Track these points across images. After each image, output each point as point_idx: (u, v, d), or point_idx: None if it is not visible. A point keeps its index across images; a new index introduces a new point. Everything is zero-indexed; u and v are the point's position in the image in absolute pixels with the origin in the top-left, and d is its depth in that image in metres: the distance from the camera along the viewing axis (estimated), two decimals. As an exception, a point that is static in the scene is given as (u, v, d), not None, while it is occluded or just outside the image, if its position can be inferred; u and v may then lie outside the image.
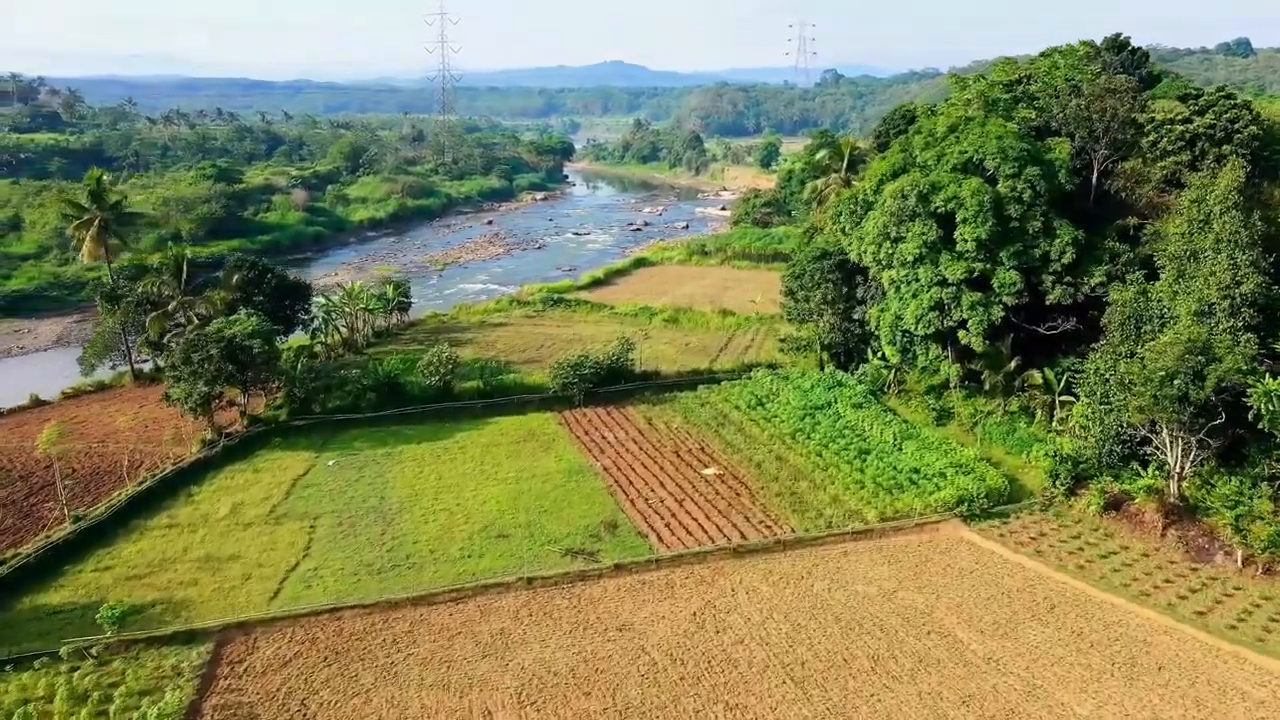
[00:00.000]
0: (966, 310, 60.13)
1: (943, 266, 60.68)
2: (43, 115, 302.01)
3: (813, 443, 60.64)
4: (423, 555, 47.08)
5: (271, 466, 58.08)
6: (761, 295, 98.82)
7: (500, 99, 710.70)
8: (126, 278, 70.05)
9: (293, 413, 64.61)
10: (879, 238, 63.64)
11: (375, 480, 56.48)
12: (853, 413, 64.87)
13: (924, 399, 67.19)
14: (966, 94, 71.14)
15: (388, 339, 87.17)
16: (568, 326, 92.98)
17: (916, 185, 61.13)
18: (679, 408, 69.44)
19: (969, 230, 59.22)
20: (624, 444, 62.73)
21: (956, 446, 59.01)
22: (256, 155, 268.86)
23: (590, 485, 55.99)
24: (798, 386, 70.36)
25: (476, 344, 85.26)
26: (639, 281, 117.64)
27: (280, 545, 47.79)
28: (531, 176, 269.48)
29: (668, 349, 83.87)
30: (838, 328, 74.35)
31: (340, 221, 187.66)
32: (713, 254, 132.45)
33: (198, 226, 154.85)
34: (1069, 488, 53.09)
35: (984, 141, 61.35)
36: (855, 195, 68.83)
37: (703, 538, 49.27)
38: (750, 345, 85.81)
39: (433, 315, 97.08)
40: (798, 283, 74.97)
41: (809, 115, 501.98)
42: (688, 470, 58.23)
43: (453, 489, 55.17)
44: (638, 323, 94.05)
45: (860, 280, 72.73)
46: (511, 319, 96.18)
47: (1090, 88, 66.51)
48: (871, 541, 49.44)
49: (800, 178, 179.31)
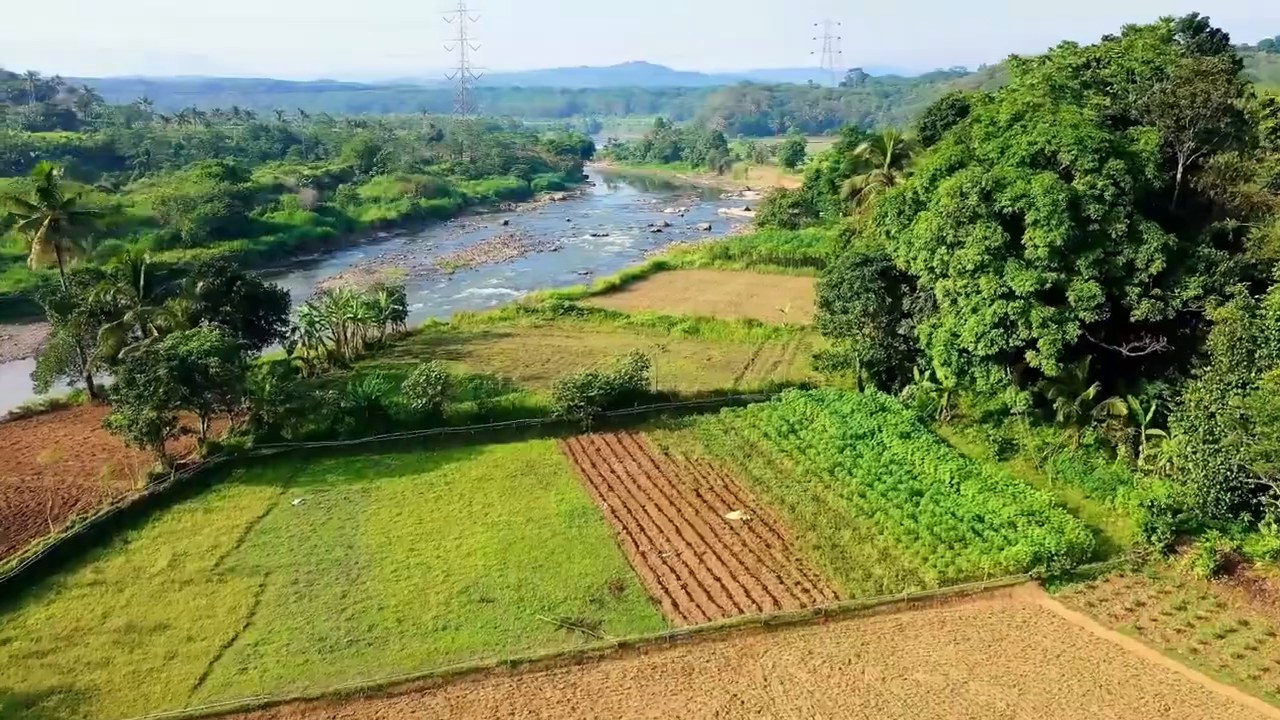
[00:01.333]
0: (1037, 328, 51.31)
1: (1009, 276, 51.93)
2: (57, 114, 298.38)
3: (855, 480, 52.08)
4: (389, 625, 39.00)
5: (227, 505, 50.25)
6: (791, 303, 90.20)
7: (523, 99, 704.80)
8: (82, 284, 62.55)
9: (259, 439, 56.86)
10: (932, 242, 54.99)
11: (345, 523, 48.52)
12: (900, 444, 56.24)
13: (982, 428, 58.43)
14: (1029, 78, 62.30)
15: (380, 351, 79.33)
16: (578, 338, 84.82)
17: (978, 182, 52.42)
18: (700, 434, 61.10)
19: (1040, 234, 50.45)
20: (635, 479, 54.46)
21: (1025, 488, 50.21)
22: (271, 154, 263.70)
23: (595, 532, 47.75)
24: (835, 411, 61.80)
25: (476, 357, 77.28)
26: (657, 287, 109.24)
27: (219, 610, 39.88)
28: (550, 176, 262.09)
29: (687, 364, 75.51)
30: (880, 343, 65.71)
31: (350, 222, 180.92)
32: (737, 258, 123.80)
33: (199, 227, 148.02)
34: (1168, 544, 44.20)
35: (1057, 131, 52.54)
36: (903, 193, 60.17)
37: (727, 604, 40.88)
38: (779, 360, 77.25)
39: (432, 324, 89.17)
40: (834, 292, 66.37)
41: (834, 115, 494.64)
42: (709, 514, 49.85)
43: (433, 536, 47.09)
44: (655, 333, 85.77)
45: (906, 290, 64.09)
46: (518, 329, 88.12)
47: (1177, 70, 57.60)
48: (932, 611, 40.83)
49: (829, 177, 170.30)
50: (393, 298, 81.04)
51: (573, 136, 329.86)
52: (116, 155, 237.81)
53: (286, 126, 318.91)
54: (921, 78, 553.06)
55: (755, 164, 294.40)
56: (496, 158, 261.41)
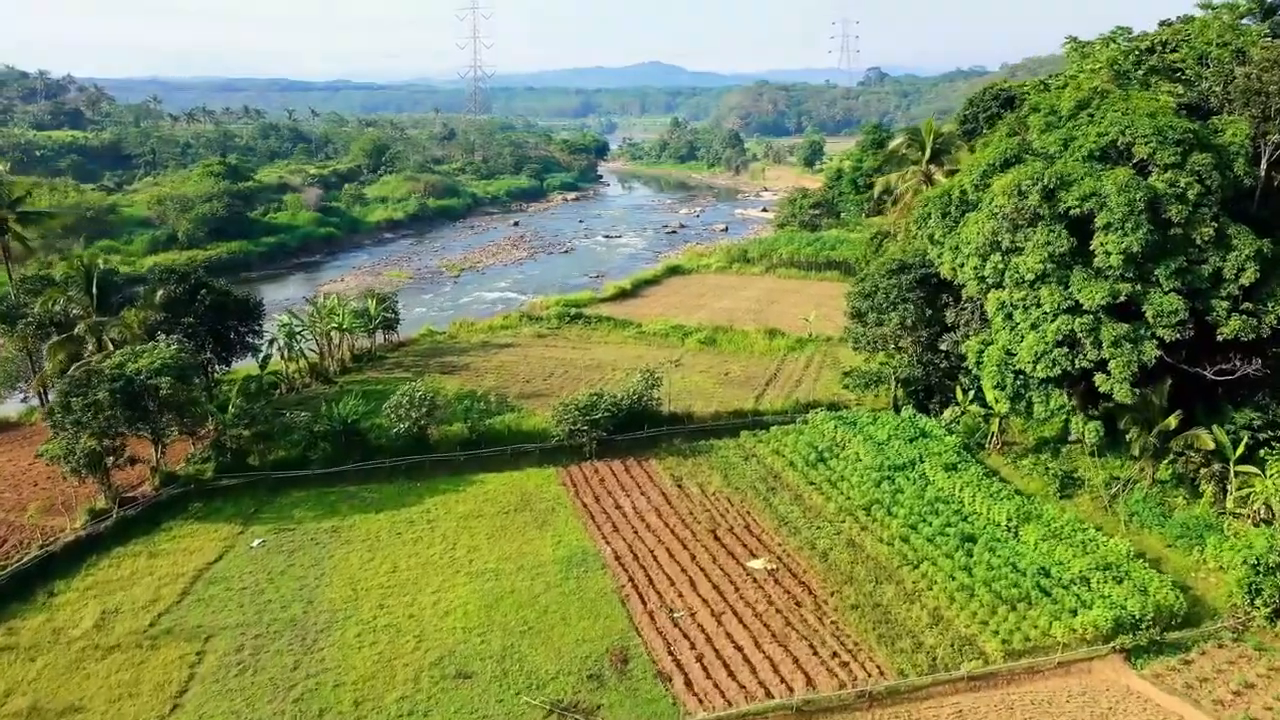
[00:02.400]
0: (1108, 347, 44.30)
1: (1075, 287, 44.93)
2: (65, 112, 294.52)
3: (896, 521, 45.23)
4: (343, 709, 32.46)
5: (176, 548, 43.90)
6: (815, 312, 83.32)
7: (537, 99, 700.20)
8: (31, 291, 56.32)
9: (221, 468, 50.49)
10: (984, 248, 48.02)
11: (308, 571, 42.09)
12: (945, 477, 49.34)
13: (1038, 459, 51.44)
14: (1091, 63, 55.21)
15: (369, 364, 72.90)
16: (585, 349, 78.20)
17: (1039, 178, 45.43)
18: (717, 462, 54.37)
19: (1114, 239, 43.45)
20: (644, 517, 47.80)
21: (1095, 533, 43.24)
22: (281, 153, 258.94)
23: (596, 585, 41.11)
24: (869, 436, 54.96)
25: (473, 371, 70.78)
26: (671, 293, 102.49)
27: (145, 687, 33.46)
28: (563, 176, 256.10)
29: (703, 380, 68.78)
30: (918, 360, 58.83)
31: (355, 222, 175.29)
32: (756, 261, 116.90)
33: (196, 227, 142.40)
34: (1276, 608, 37.19)
35: (1131, 120, 45.49)
36: (949, 192, 53.23)
37: (750, 682, 34.14)
38: (803, 376, 70.38)
39: (428, 333, 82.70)
40: (868, 302, 59.51)
41: (852, 114, 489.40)
42: (729, 561, 43.13)
43: (408, 588, 40.60)
44: (668, 345, 79.05)
45: (949, 300, 57.23)
46: (520, 339, 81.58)
47: (1263, 52, 50.45)
48: (997, 692, 33.99)
49: (852, 176, 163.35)
50: (383, 305, 74.70)
51: (587, 136, 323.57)
52: (123, 154, 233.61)
53: (297, 125, 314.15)
54: (940, 77, 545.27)
55: (772, 164, 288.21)
56: (509, 157, 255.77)
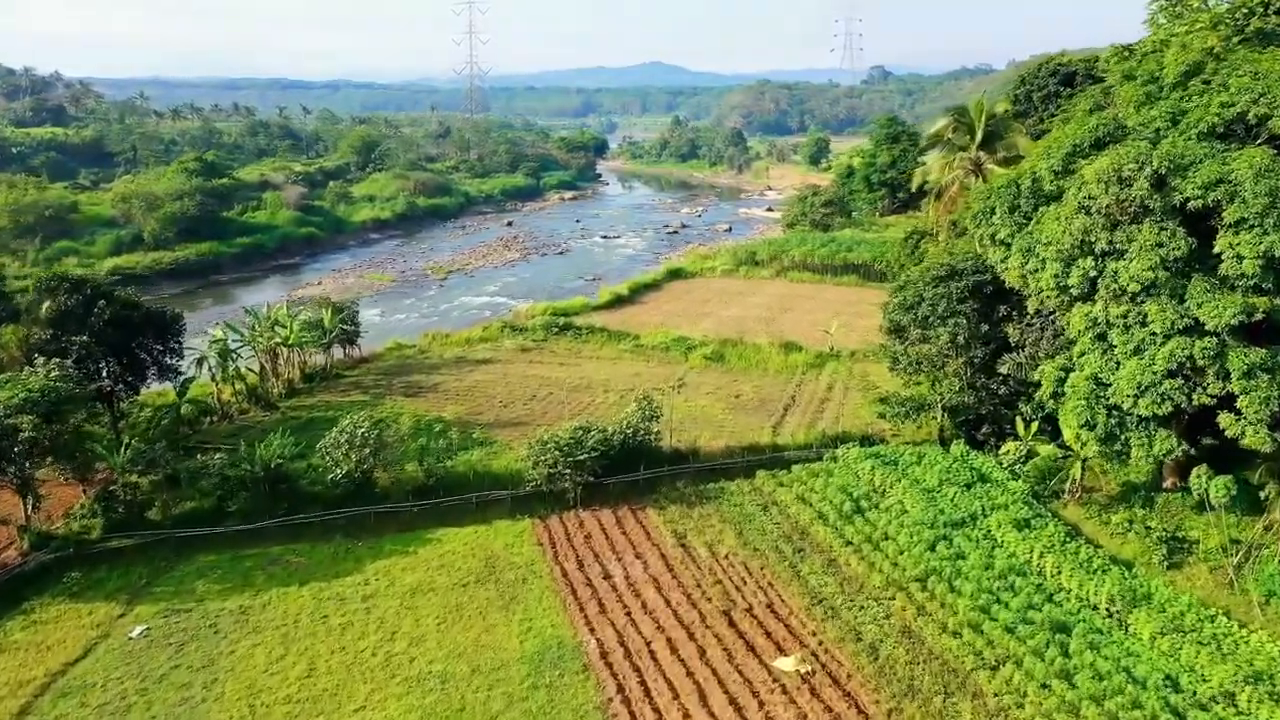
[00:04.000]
0: (1239, 379, 34.28)
1: (1195, 301, 34.90)
2: (48, 109, 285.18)
3: (962, 601, 35.12)
4: None
5: (29, 640, 33.84)
6: (836, 322, 73.17)
7: (538, 98, 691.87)
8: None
9: (113, 525, 40.43)
10: (1071, 250, 37.90)
11: (196, 676, 32.01)
12: (1018, 538, 39.20)
13: (1130, 513, 41.26)
14: (1189, 23, 44.99)
15: (323, 384, 62.73)
16: (574, 365, 68.11)
17: (1145, 162, 35.45)
18: (730, 512, 44.21)
19: (1248, 239, 33.44)
20: (639, 590, 37.73)
21: (1225, 622, 33.19)
22: (269, 151, 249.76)
23: (573, 698, 30.97)
24: (916, 480, 44.84)
25: (442, 393, 60.73)
26: (673, 299, 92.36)
27: None
28: (561, 174, 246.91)
29: (710, 404, 58.69)
30: (970, 383, 48.77)
31: (339, 222, 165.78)
32: (765, 264, 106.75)
33: (164, 227, 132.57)
34: None
35: (1268, 87, 35.49)
36: (1017, 182, 43.06)
37: None
38: (827, 399, 60.26)
39: (395, 347, 72.36)
40: (909, 315, 49.48)
41: (855, 113, 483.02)
42: (748, 659, 33.03)
43: (322, 703, 30.50)
44: (669, 360, 68.95)
45: (1009, 313, 47.21)
46: (500, 353, 71.41)
47: None
48: None
49: (865, 173, 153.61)
50: (341, 316, 64.55)
51: (585, 134, 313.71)
52: (105, 152, 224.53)
53: (287, 122, 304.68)
54: (945, 75, 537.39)
55: (776, 162, 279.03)
56: (504, 155, 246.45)
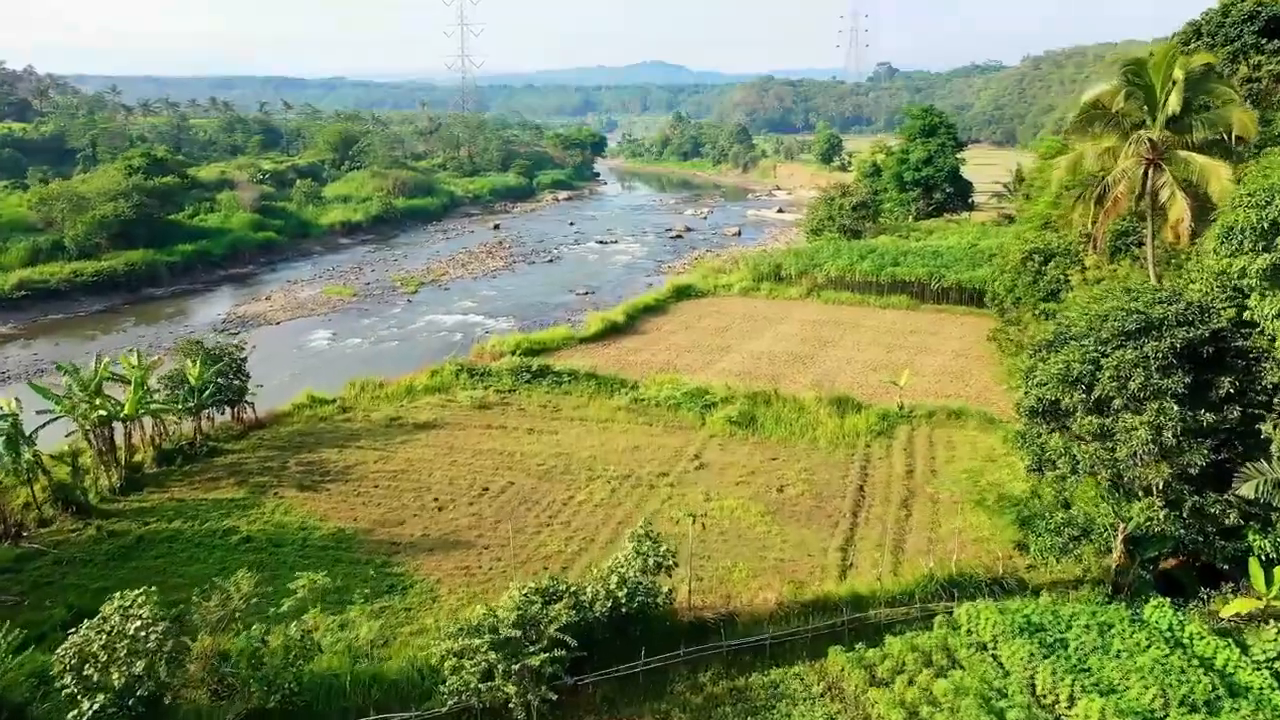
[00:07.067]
0: None
1: None
2: (9, 103, 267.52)
3: None
4: None
5: None
6: (907, 372, 54.12)
7: (537, 97, 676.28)
8: None
9: None
10: None
11: None
12: None
13: None
14: None
15: (184, 468, 43.82)
16: (548, 431, 49.08)
17: None
18: (788, 741, 25.45)
19: None
20: None
21: None
22: (244, 149, 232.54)
23: None
24: (1108, 686, 25.93)
25: (356, 481, 41.82)
26: (681, 327, 73.24)
27: None
28: (556, 173, 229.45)
29: (742, 505, 39.68)
30: (1177, 502, 29.85)
31: (305, 225, 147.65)
32: (793, 279, 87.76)
33: (93, 232, 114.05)
34: None
35: None
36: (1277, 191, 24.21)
37: None
38: (911, 492, 41.25)
39: (308, 403, 52.53)
40: (1073, 393, 30.49)
41: (862, 111, 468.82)
42: None
43: None
44: (680, 423, 49.98)
45: (1245, 387, 28.53)
46: (450, 411, 52.30)
47: None
48: None
49: (897, 170, 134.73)
50: (219, 366, 45.58)
51: (583, 130, 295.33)
52: (68, 149, 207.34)
53: (268, 119, 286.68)
54: (953, 72, 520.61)
55: (784, 161, 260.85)
56: (496, 152, 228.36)
